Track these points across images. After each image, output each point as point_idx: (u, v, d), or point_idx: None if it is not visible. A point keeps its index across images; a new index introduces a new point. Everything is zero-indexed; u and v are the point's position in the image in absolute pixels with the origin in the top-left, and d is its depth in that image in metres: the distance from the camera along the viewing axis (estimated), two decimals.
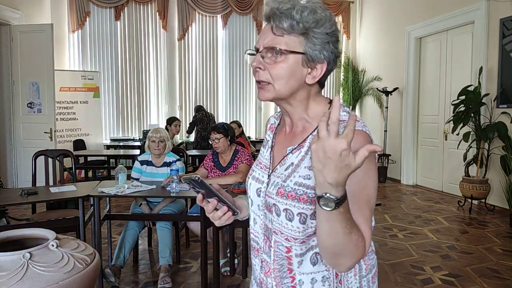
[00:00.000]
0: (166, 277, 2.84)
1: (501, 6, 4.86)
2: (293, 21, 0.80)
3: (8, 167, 5.76)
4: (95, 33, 7.12)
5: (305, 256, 0.86)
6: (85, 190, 2.81)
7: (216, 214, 0.90)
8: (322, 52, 0.84)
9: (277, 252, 0.89)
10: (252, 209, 0.96)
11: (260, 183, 0.94)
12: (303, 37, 0.82)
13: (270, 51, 0.83)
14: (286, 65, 0.83)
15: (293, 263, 0.87)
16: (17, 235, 1.72)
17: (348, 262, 0.75)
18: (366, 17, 8.09)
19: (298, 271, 0.87)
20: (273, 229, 0.89)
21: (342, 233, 0.70)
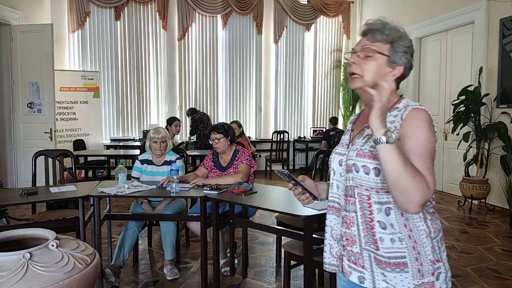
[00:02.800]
0: (174, 268, 2.96)
1: (501, 6, 4.86)
2: (383, 35, 1.16)
3: (8, 167, 5.76)
4: (95, 33, 7.11)
5: (382, 206, 1.11)
6: (85, 190, 2.81)
7: (301, 198, 1.29)
8: (401, 58, 1.17)
9: (361, 201, 1.14)
10: (335, 178, 1.25)
11: (341, 156, 1.24)
12: (389, 45, 1.16)
13: (364, 51, 1.17)
14: (376, 62, 1.15)
15: (374, 210, 1.12)
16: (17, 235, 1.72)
17: (414, 195, 0.97)
18: (366, 17, 8.09)
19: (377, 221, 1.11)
20: (354, 184, 1.16)
21: (400, 164, 0.97)
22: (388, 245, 1.10)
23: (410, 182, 0.97)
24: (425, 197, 0.98)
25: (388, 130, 0.99)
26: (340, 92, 8.49)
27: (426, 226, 1.11)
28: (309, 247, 2.17)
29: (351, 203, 1.17)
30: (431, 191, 1.00)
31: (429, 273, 1.09)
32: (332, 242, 1.23)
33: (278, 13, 7.95)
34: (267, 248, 3.61)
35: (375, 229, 1.12)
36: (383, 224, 1.11)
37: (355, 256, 1.17)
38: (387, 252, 1.10)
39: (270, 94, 8.18)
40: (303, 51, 8.26)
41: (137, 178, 3.23)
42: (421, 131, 1.07)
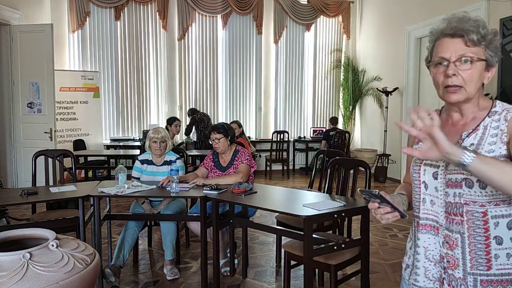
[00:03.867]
0: (174, 268, 2.97)
1: (501, 6, 4.87)
2: (479, 36, 1.06)
3: (8, 167, 5.76)
4: (95, 33, 7.11)
5: (502, 220, 1.04)
6: (85, 190, 2.82)
7: (386, 216, 1.10)
8: (495, 58, 1.10)
9: (471, 220, 1.05)
10: (427, 192, 1.14)
11: (435, 168, 1.12)
12: (485, 48, 1.08)
13: (463, 60, 1.06)
14: (477, 70, 1.07)
15: (490, 225, 1.04)
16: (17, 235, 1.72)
17: None
18: (366, 17, 8.09)
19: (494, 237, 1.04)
20: (464, 202, 1.06)
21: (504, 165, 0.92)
22: (503, 261, 1.04)
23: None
24: None
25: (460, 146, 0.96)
26: (340, 92, 8.49)
27: None
28: (309, 247, 2.17)
29: (455, 222, 1.08)
30: None
31: None
32: (428, 264, 1.14)
33: (278, 13, 7.95)
34: (267, 248, 3.61)
35: (491, 246, 1.05)
36: (499, 240, 1.05)
37: (457, 282, 1.09)
38: (501, 269, 1.04)
39: (270, 94, 8.18)
40: (303, 51, 8.26)
41: (137, 178, 3.23)
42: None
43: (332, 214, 2.34)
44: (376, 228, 4.16)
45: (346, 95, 8.26)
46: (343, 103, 8.40)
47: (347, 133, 7.32)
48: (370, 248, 2.70)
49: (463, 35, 1.06)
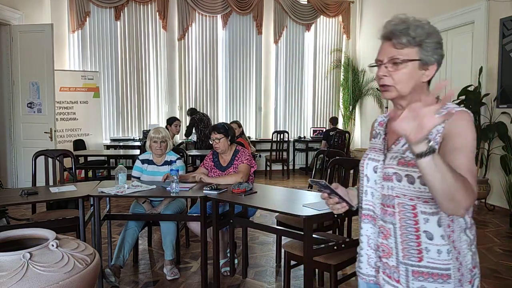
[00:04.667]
0: (174, 268, 2.97)
1: (501, 6, 4.87)
2: (409, 37, 1.08)
3: (8, 167, 5.76)
4: (95, 33, 7.11)
5: (431, 217, 1.08)
6: (85, 190, 2.81)
7: (335, 207, 1.23)
8: (433, 56, 1.10)
9: (403, 211, 1.10)
10: (369, 185, 1.20)
11: (376, 162, 1.18)
12: (418, 47, 1.09)
13: (393, 61, 1.11)
14: (407, 70, 1.10)
15: (419, 220, 1.08)
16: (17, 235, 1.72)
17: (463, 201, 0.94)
18: (366, 17, 8.09)
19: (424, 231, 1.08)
20: (395, 194, 1.11)
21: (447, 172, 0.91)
22: (434, 256, 1.08)
23: (458, 188, 0.93)
24: (471, 202, 0.97)
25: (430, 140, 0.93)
26: (340, 92, 8.49)
27: (467, 236, 1.11)
28: (309, 247, 2.17)
29: (388, 213, 1.13)
30: (475, 197, 0.98)
31: (467, 282, 1.09)
32: (370, 252, 1.20)
33: (278, 13, 7.95)
34: (267, 248, 3.61)
35: (421, 239, 1.08)
36: (430, 235, 1.08)
37: (390, 270, 1.13)
38: (432, 263, 1.08)
39: (270, 94, 8.18)
40: (303, 51, 8.26)
41: (138, 178, 3.24)
42: (469, 132, 1.04)
43: (332, 214, 2.33)
44: None
45: (346, 95, 8.26)
46: (343, 103, 8.40)
47: (347, 133, 7.32)
48: None
49: (392, 38, 1.12)
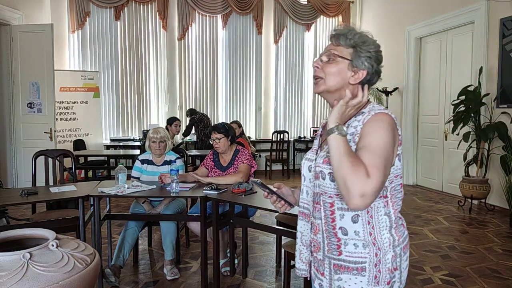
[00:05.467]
0: (174, 268, 2.97)
1: (501, 6, 4.86)
2: (346, 39, 1.17)
3: (8, 167, 5.76)
4: (95, 33, 7.11)
5: (347, 213, 1.11)
6: (85, 190, 2.81)
7: (277, 205, 1.29)
8: (364, 63, 1.17)
9: (325, 208, 1.15)
10: (305, 184, 1.24)
11: (310, 161, 1.24)
12: (352, 49, 1.17)
13: (327, 54, 1.19)
14: (337, 66, 1.17)
15: (336, 217, 1.12)
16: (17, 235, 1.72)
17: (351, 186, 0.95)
18: (366, 17, 8.09)
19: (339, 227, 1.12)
20: (320, 192, 1.16)
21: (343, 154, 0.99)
22: (351, 250, 1.11)
23: (348, 170, 0.96)
24: (362, 189, 0.94)
25: (341, 124, 1.04)
26: None
27: (390, 235, 1.12)
28: None
29: (317, 210, 1.18)
30: (371, 186, 0.95)
31: (385, 282, 1.10)
32: (302, 247, 1.25)
33: (278, 13, 7.95)
34: (267, 248, 3.61)
35: (338, 235, 1.13)
36: (344, 230, 1.12)
37: (318, 263, 1.19)
38: (349, 256, 1.11)
39: (270, 94, 8.18)
40: (303, 51, 8.26)
41: (137, 178, 3.24)
42: (379, 131, 1.06)
43: None
44: None
45: None
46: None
47: None
48: None
49: (332, 38, 1.21)
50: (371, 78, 1.20)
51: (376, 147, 1.03)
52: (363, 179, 0.95)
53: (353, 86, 1.18)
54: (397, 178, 1.16)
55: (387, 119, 1.09)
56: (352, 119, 1.16)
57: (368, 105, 1.19)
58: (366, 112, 1.14)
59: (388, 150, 1.04)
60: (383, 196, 1.12)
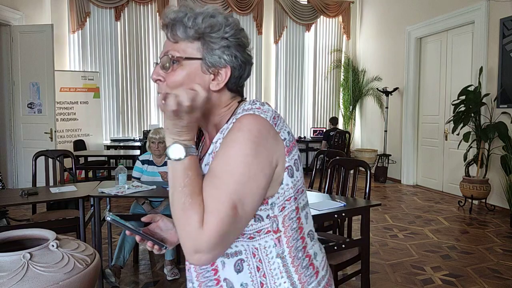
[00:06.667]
0: (174, 268, 2.97)
1: (501, 6, 4.86)
2: (185, 28, 0.79)
3: (9, 167, 5.76)
4: (95, 34, 7.11)
5: (227, 260, 0.81)
6: (85, 190, 2.81)
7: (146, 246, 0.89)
8: (222, 57, 0.81)
9: None
10: None
11: None
12: (199, 42, 0.80)
13: (166, 60, 0.80)
14: (183, 71, 0.80)
15: (218, 264, 0.82)
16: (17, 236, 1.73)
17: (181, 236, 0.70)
18: (366, 17, 8.09)
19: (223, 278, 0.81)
20: None
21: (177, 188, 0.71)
22: None
23: (179, 216, 0.70)
24: (194, 245, 0.68)
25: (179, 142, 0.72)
26: (340, 92, 8.49)
27: (290, 283, 0.80)
28: None
29: (187, 268, 0.89)
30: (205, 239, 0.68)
31: None
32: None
33: (278, 13, 7.95)
34: None
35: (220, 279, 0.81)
36: (230, 284, 0.80)
37: None
38: None
39: (270, 94, 8.18)
40: (303, 51, 8.26)
41: (138, 178, 3.24)
42: (233, 147, 0.72)
43: (332, 214, 2.33)
44: (376, 228, 4.16)
45: (346, 95, 8.26)
46: (343, 103, 8.40)
47: (347, 133, 7.32)
48: (370, 248, 2.70)
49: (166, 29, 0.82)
50: (241, 72, 0.84)
51: (221, 176, 0.71)
52: (193, 230, 0.68)
53: (219, 93, 0.83)
54: (290, 202, 0.80)
55: (248, 125, 0.74)
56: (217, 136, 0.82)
57: (238, 109, 0.82)
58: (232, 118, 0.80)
59: (244, 175, 0.71)
60: (274, 230, 0.79)
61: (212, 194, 0.71)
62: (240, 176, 0.71)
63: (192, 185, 0.71)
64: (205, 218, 0.68)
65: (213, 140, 0.82)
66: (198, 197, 0.70)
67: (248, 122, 0.74)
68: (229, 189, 0.71)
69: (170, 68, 0.80)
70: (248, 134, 0.73)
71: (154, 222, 0.93)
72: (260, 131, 0.74)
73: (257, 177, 0.73)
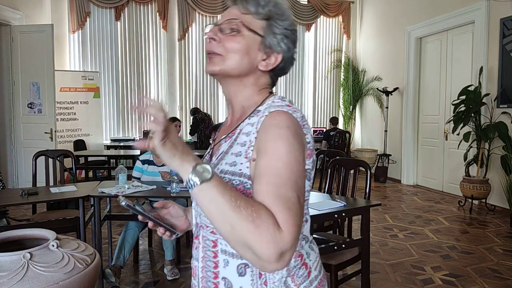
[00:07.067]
0: (174, 268, 2.98)
1: (501, 6, 4.86)
2: (258, 6, 0.83)
3: (9, 167, 5.76)
4: (95, 34, 7.12)
5: (232, 260, 0.80)
6: (85, 190, 2.82)
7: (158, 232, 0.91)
8: (280, 44, 0.85)
9: (205, 248, 0.84)
10: (193, 205, 0.91)
11: None
12: (265, 22, 0.84)
13: (230, 23, 0.83)
14: (243, 41, 0.83)
15: (219, 261, 0.81)
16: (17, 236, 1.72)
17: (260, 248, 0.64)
18: (366, 17, 8.09)
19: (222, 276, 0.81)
20: (201, 224, 0.86)
21: (228, 208, 0.64)
22: None
23: (248, 232, 0.64)
24: (278, 249, 0.64)
25: (199, 164, 0.66)
26: (340, 92, 8.49)
27: None
28: None
29: (195, 247, 0.88)
30: (288, 240, 0.65)
31: None
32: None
33: None
34: None
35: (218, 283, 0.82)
36: (228, 283, 0.80)
37: None
38: None
39: None
40: (303, 51, 8.26)
41: (138, 178, 3.24)
42: (279, 143, 0.73)
43: (332, 214, 2.33)
44: (376, 228, 4.16)
45: (347, 95, 8.26)
46: (343, 103, 8.40)
47: (347, 133, 7.32)
48: (371, 248, 2.70)
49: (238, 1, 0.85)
50: (285, 65, 0.88)
51: (277, 173, 0.70)
52: (273, 237, 0.64)
53: (261, 74, 0.86)
54: None
55: (285, 121, 0.76)
56: (245, 121, 0.83)
57: (267, 100, 0.85)
58: (262, 111, 0.81)
59: (297, 168, 0.72)
60: None
61: (277, 193, 0.69)
62: (295, 169, 0.72)
63: (239, 195, 0.67)
64: (279, 217, 0.66)
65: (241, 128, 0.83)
66: (254, 203, 0.67)
67: (285, 119, 0.76)
68: (291, 184, 0.70)
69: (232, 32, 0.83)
70: (288, 131, 0.74)
71: (166, 209, 0.95)
72: (296, 128, 0.76)
73: (303, 169, 0.75)
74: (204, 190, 0.65)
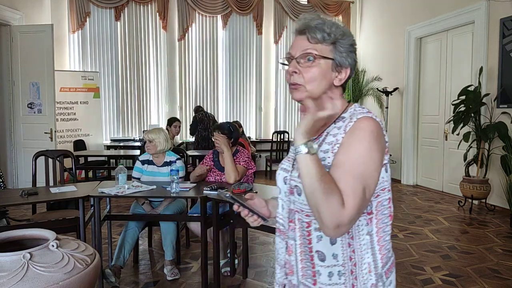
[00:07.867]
0: (174, 268, 2.97)
1: (501, 6, 4.86)
2: (324, 33, 0.99)
3: (9, 167, 5.76)
4: (95, 34, 7.11)
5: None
6: (85, 190, 2.82)
7: (249, 220, 1.12)
8: (347, 59, 1.02)
9: (301, 228, 1.01)
10: (280, 196, 1.10)
11: (286, 172, 1.09)
12: (332, 46, 1.00)
13: (305, 56, 1.00)
14: (319, 69, 1.00)
15: (313, 238, 0.99)
16: (17, 236, 1.73)
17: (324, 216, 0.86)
18: (366, 17, 8.09)
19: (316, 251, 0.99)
20: (296, 209, 1.03)
21: (315, 178, 0.86)
22: (325, 281, 0.98)
23: (321, 200, 0.85)
24: (337, 221, 0.85)
25: (310, 140, 0.89)
26: None
27: (372, 259, 0.99)
28: None
29: (291, 229, 1.04)
30: (346, 216, 0.86)
31: None
32: (278, 268, 1.11)
33: (278, 13, 7.95)
34: (267, 248, 3.61)
35: (314, 261, 0.99)
36: (322, 255, 0.98)
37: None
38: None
39: (270, 94, 8.18)
40: None
41: (138, 179, 3.24)
42: (361, 143, 0.92)
43: None
44: None
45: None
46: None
47: None
48: None
49: (306, 32, 1.01)
50: (351, 73, 1.06)
51: (352, 166, 0.90)
52: (336, 209, 0.85)
53: (336, 88, 1.05)
54: (384, 192, 0.99)
55: (372, 128, 0.94)
56: (331, 126, 1.02)
57: (349, 108, 1.04)
58: (347, 118, 0.99)
59: (370, 166, 0.91)
60: (367, 212, 0.98)
61: (348, 180, 0.88)
62: (368, 167, 0.91)
63: (327, 174, 0.89)
64: (345, 199, 0.86)
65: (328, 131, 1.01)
66: (334, 184, 0.87)
67: (369, 124, 0.94)
68: (361, 177, 0.89)
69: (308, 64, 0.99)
70: (372, 136, 0.92)
71: (251, 200, 1.16)
72: (378, 132, 0.94)
73: (377, 168, 0.93)
74: (307, 158, 0.88)
